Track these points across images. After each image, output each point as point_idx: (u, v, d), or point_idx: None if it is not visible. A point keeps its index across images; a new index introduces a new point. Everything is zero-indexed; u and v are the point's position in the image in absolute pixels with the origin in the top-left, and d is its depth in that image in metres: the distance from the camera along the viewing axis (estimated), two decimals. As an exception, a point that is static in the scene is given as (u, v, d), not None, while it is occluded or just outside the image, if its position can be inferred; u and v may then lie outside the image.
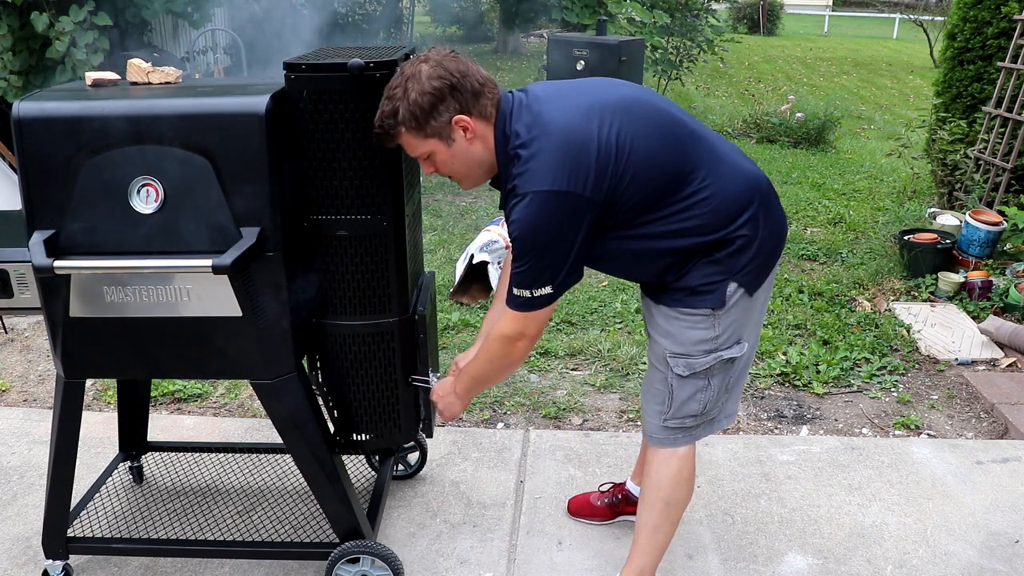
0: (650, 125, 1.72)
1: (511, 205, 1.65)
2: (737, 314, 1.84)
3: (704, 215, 1.74)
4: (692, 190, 1.73)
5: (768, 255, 1.84)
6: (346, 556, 2.07)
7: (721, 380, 1.90)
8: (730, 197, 1.76)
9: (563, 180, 1.60)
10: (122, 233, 1.78)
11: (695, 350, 1.85)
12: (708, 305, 1.80)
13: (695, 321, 1.83)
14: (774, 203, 1.86)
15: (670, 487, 1.98)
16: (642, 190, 1.69)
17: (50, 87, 2.07)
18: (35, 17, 4.59)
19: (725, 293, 1.80)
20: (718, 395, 1.92)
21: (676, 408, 1.93)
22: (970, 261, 4.32)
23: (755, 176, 1.83)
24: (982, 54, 5.29)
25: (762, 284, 1.85)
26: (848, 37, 23.58)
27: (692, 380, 1.89)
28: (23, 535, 2.43)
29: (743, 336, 1.88)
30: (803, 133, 8.24)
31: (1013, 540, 2.42)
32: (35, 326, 3.90)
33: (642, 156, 1.67)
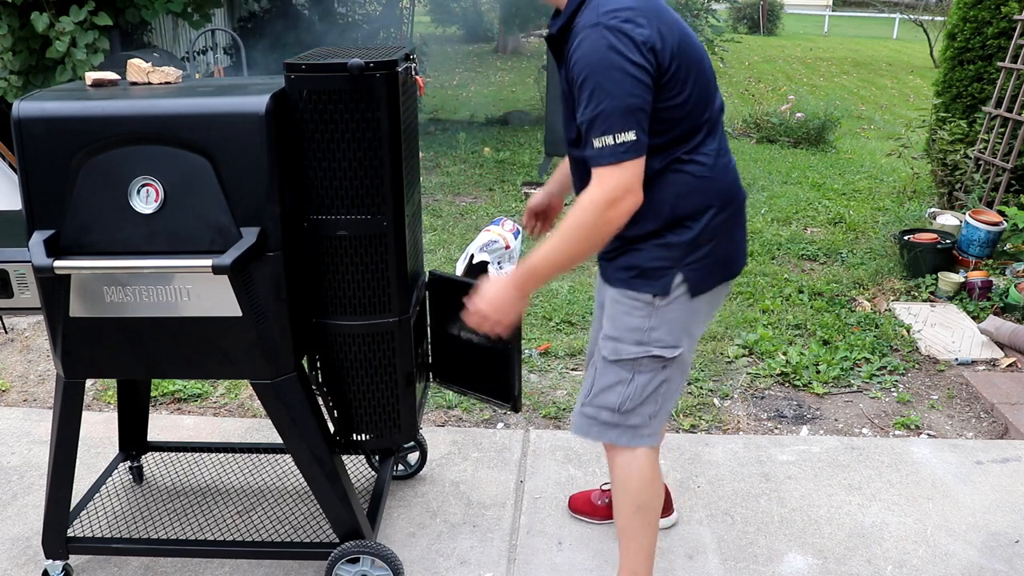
0: (702, 57, 1.73)
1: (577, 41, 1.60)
2: (677, 313, 1.80)
3: (689, 183, 1.72)
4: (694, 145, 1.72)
5: (720, 265, 1.81)
6: (346, 556, 2.07)
7: (646, 381, 1.85)
8: (717, 183, 1.75)
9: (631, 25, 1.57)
10: (122, 233, 1.79)
11: (626, 336, 1.82)
12: (651, 291, 1.78)
13: (634, 307, 1.81)
14: (742, 223, 1.85)
15: (636, 491, 1.94)
16: (673, 101, 1.66)
17: (50, 87, 2.07)
18: (35, 17, 4.59)
19: (671, 283, 1.77)
20: (640, 397, 1.86)
21: (594, 394, 1.89)
22: (970, 261, 4.32)
23: (740, 184, 1.83)
24: (982, 54, 5.29)
25: (705, 292, 1.81)
26: (848, 37, 23.58)
27: (615, 368, 1.85)
28: (23, 535, 2.43)
29: (681, 342, 1.84)
30: (803, 133, 8.24)
31: (1013, 540, 2.42)
32: (35, 326, 3.90)
33: (689, 64, 1.66)
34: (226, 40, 8.89)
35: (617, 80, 1.55)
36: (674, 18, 1.68)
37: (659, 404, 1.89)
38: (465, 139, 7.96)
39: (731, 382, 3.39)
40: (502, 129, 8.85)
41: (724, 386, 3.35)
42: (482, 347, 2.16)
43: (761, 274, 4.52)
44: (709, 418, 3.11)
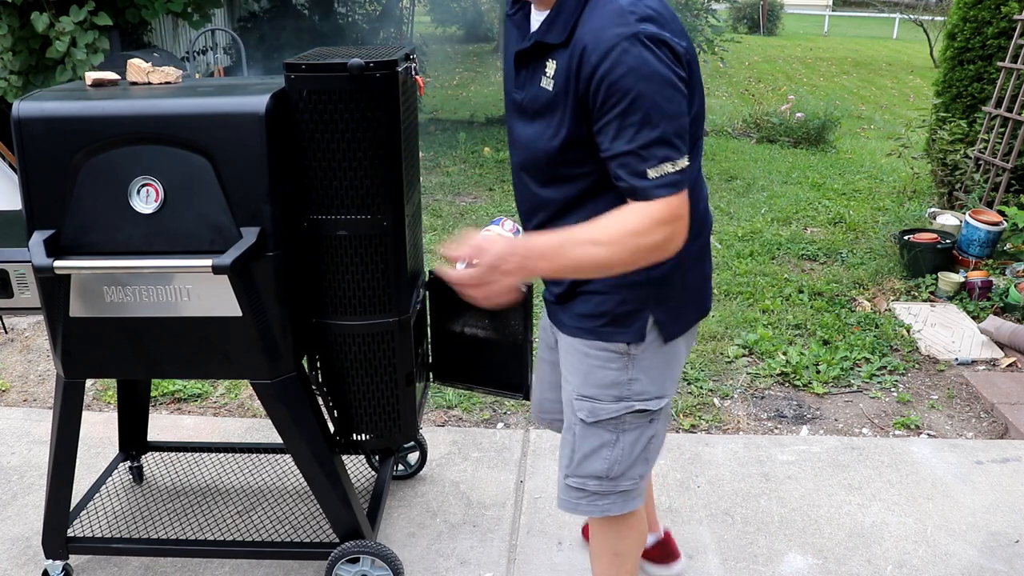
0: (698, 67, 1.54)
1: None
2: (655, 360, 1.59)
3: None
4: None
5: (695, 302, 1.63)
6: (346, 556, 2.07)
7: (634, 440, 1.63)
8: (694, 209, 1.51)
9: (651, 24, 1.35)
10: (122, 233, 1.78)
11: (604, 393, 1.60)
12: (625, 339, 1.55)
13: (608, 359, 1.58)
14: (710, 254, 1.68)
15: (615, 538, 1.77)
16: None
17: (50, 87, 2.07)
18: (35, 17, 4.59)
19: (645, 325, 1.55)
20: (630, 458, 1.65)
21: (577, 463, 1.67)
22: (970, 261, 4.32)
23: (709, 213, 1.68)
24: (982, 54, 5.29)
25: (679, 336, 1.61)
26: (848, 37, 23.58)
27: (597, 430, 1.63)
28: (23, 535, 2.43)
29: (666, 390, 1.63)
30: (803, 133, 8.24)
31: (1013, 540, 2.42)
32: (35, 326, 3.90)
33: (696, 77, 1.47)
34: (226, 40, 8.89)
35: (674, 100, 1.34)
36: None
37: (648, 463, 1.69)
38: (465, 139, 7.96)
39: (731, 382, 3.39)
40: (502, 129, 8.85)
41: (724, 386, 3.35)
42: (489, 340, 2.17)
43: (761, 274, 4.52)
44: (709, 418, 3.11)
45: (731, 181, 6.61)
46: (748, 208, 5.83)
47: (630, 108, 1.32)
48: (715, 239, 5.13)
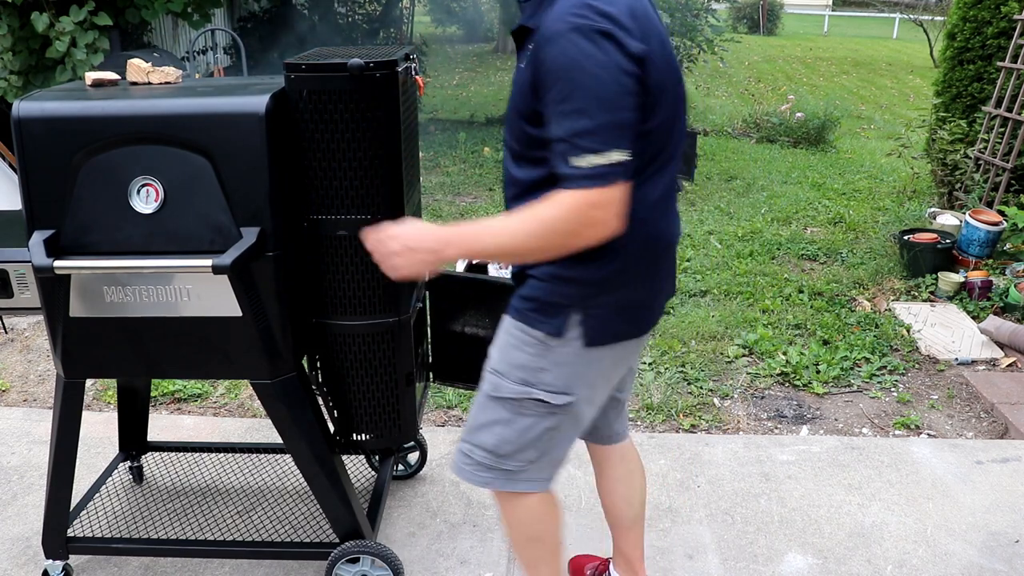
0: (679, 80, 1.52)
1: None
2: (572, 360, 1.57)
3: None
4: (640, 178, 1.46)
5: (628, 317, 1.58)
6: (346, 556, 2.07)
7: (528, 425, 1.63)
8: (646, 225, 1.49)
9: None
10: (122, 233, 1.79)
11: (512, 373, 1.61)
12: (544, 329, 1.55)
13: (525, 342, 1.59)
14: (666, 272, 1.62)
15: (527, 523, 1.76)
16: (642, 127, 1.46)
17: (50, 87, 2.07)
18: (35, 17, 4.58)
19: (565, 324, 1.54)
20: (519, 441, 1.64)
21: (471, 431, 1.69)
22: (970, 261, 4.32)
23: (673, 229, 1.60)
24: (982, 54, 5.29)
25: (603, 345, 1.58)
26: (848, 37, 23.58)
27: (494, 406, 1.64)
28: (23, 535, 2.43)
29: (573, 390, 1.60)
30: (803, 133, 8.24)
31: (1013, 540, 2.42)
32: (35, 326, 3.90)
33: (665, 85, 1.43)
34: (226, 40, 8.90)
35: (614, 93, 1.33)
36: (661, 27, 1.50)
37: (541, 451, 1.67)
38: (465, 139, 7.96)
39: (731, 382, 3.39)
40: (502, 129, 8.83)
41: (724, 386, 3.35)
42: (489, 340, 2.16)
43: (761, 274, 4.52)
44: (709, 418, 3.11)
45: (731, 181, 6.61)
46: (748, 208, 5.83)
47: (565, 97, 1.33)
48: (715, 239, 5.13)
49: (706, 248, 4.97)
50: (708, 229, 5.33)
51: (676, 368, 3.46)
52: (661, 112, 1.45)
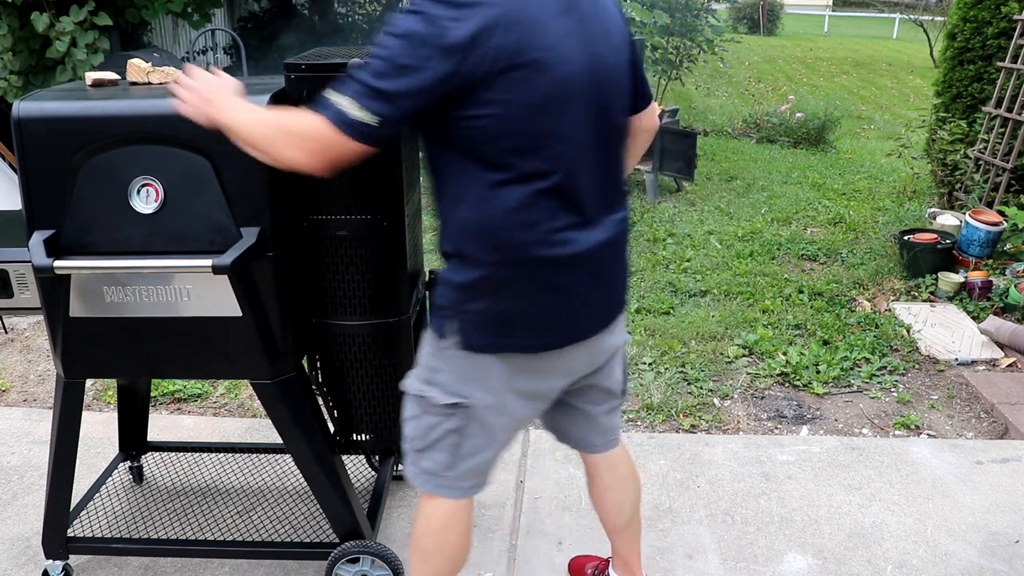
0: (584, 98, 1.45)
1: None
2: (459, 363, 1.57)
3: (486, 220, 1.46)
4: (530, 188, 1.44)
5: (502, 329, 1.52)
6: (346, 556, 2.07)
7: (432, 424, 1.63)
8: (519, 233, 1.46)
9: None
10: (122, 233, 1.78)
11: (419, 370, 1.66)
12: (432, 329, 1.59)
13: (427, 341, 1.63)
14: (547, 297, 1.52)
15: (420, 531, 1.76)
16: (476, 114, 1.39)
17: (50, 87, 2.07)
18: (35, 17, 4.58)
19: (444, 325, 1.56)
20: (426, 440, 1.65)
21: (403, 420, 1.73)
22: (970, 261, 4.32)
23: (562, 253, 1.50)
24: (982, 54, 5.29)
25: (480, 352, 1.55)
26: (848, 37, 23.58)
27: (409, 401, 1.68)
28: (23, 535, 2.43)
29: (468, 394, 1.59)
30: (803, 133, 8.24)
31: (1013, 540, 2.42)
32: (35, 326, 3.90)
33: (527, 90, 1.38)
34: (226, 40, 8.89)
35: (399, 62, 1.34)
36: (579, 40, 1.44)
37: (453, 457, 1.65)
38: (465, 139, 7.95)
39: (731, 382, 3.39)
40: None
41: (724, 386, 3.35)
42: None
43: (761, 274, 4.52)
44: (709, 418, 3.11)
45: (731, 181, 6.62)
46: (748, 208, 5.83)
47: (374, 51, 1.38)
48: (715, 239, 5.13)
49: (706, 248, 4.97)
50: (708, 229, 5.33)
51: (676, 368, 3.46)
52: (520, 113, 1.40)
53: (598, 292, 1.59)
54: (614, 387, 1.83)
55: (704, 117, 9.75)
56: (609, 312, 1.65)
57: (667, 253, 4.87)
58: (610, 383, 1.81)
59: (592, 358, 1.69)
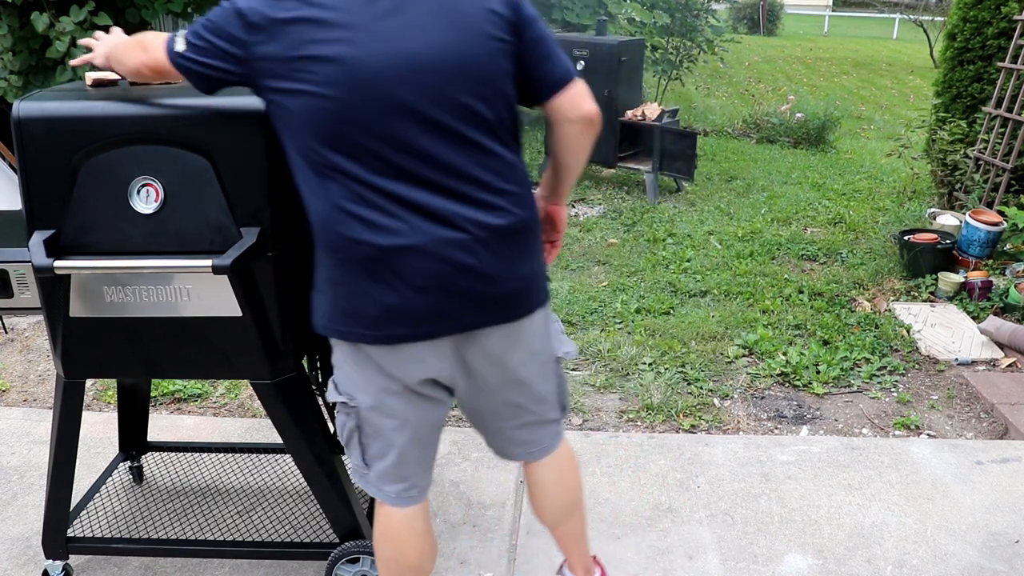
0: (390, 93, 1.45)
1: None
2: (341, 359, 1.63)
3: (318, 206, 1.53)
4: (342, 170, 1.48)
5: (347, 323, 1.56)
6: (346, 556, 2.07)
7: (341, 423, 1.70)
8: (329, 231, 1.52)
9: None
10: (122, 233, 1.78)
11: (334, 371, 1.70)
12: (315, 319, 1.63)
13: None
14: (361, 285, 1.52)
15: (378, 542, 1.79)
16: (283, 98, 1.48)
17: (50, 87, 2.07)
18: (35, 17, 4.58)
19: (318, 311, 1.61)
20: (342, 436, 1.71)
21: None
22: (970, 261, 4.32)
23: (383, 246, 1.49)
24: (982, 54, 5.29)
25: (336, 338, 1.60)
26: (848, 37, 23.58)
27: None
28: (23, 535, 2.43)
29: (352, 392, 1.64)
30: (803, 133, 8.24)
31: (1013, 540, 2.42)
32: (35, 326, 3.90)
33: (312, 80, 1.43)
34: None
35: (213, 24, 1.51)
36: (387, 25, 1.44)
37: (363, 457, 1.70)
38: (465, 139, 7.94)
39: (731, 382, 3.39)
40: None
41: (724, 386, 3.35)
42: None
43: (761, 274, 4.52)
44: (709, 418, 3.11)
45: (731, 181, 6.62)
46: (748, 208, 5.83)
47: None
48: (715, 239, 5.13)
49: (706, 248, 4.97)
50: (708, 229, 5.33)
51: (676, 368, 3.46)
52: (332, 109, 1.44)
53: (442, 293, 1.52)
54: (525, 403, 1.74)
55: (704, 117, 9.75)
56: (473, 317, 1.56)
57: (667, 253, 4.87)
58: (517, 398, 1.72)
59: (468, 363, 1.62)
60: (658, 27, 8.96)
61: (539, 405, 1.76)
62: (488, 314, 1.57)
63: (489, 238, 1.52)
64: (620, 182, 6.57)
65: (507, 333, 1.61)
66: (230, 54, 1.49)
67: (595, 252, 4.93)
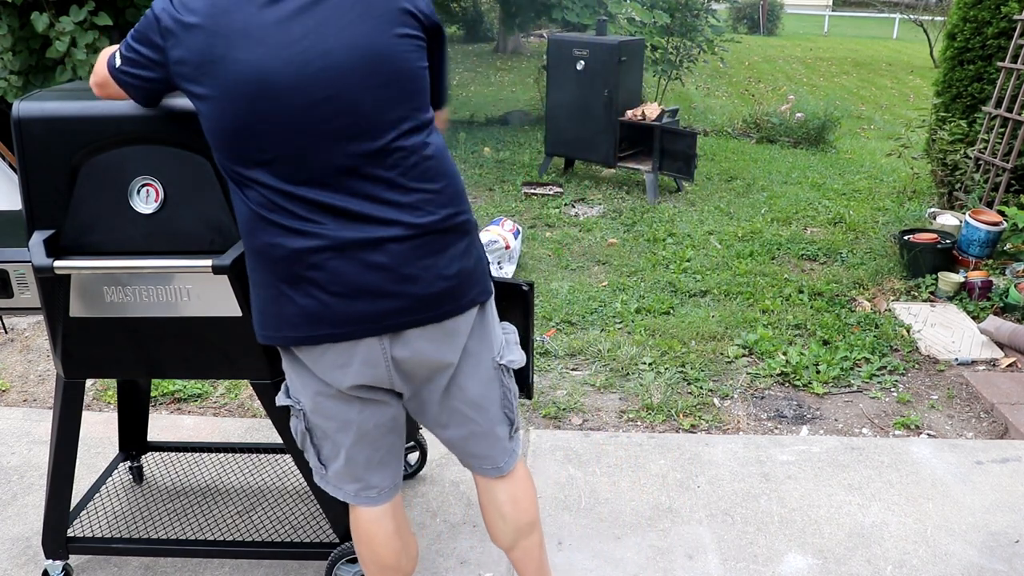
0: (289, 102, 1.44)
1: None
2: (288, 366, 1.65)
3: (240, 209, 1.54)
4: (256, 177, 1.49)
5: (273, 326, 1.56)
6: (346, 556, 2.07)
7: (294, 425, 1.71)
8: (251, 236, 1.53)
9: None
10: (122, 233, 1.78)
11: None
12: (254, 326, 1.62)
13: None
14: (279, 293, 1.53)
15: (355, 543, 1.82)
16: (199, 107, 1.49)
17: (50, 87, 2.07)
18: (35, 17, 4.58)
19: (253, 317, 1.61)
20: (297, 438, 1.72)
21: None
22: (970, 261, 4.32)
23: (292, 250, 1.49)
24: (982, 54, 5.29)
25: (272, 342, 1.59)
26: (848, 37, 23.58)
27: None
28: (23, 535, 2.43)
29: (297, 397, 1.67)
30: (803, 133, 8.24)
31: (1013, 540, 2.42)
32: (35, 326, 3.90)
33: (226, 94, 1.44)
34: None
35: (137, 36, 1.53)
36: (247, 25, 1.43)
37: (318, 458, 1.72)
38: (465, 139, 7.96)
39: (731, 382, 3.39)
40: (502, 129, 8.85)
41: (724, 386, 3.35)
42: None
43: (761, 274, 4.52)
44: (709, 418, 3.11)
45: (731, 181, 6.61)
46: (748, 208, 5.83)
47: None
48: (715, 239, 5.13)
49: (706, 248, 4.97)
50: (708, 229, 5.33)
51: (676, 368, 3.46)
52: (220, 106, 1.45)
53: (360, 294, 1.51)
54: (463, 408, 1.70)
55: (704, 117, 9.75)
56: (395, 318, 1.54)
57: (667, 253, 4.87)
58: (454, 402, 1.69)
59: (400, 365, 1.59)
60: (658, 27, 8.96)
61: (479, 413, 1.72)
62: (412, 315, 1.54)
63: (406, 237, 1.51)
64: (620, 182, 6.57)
65: (435, 333, 1.58)
66: (154, 61, 1.51)
67: (595, 252, 4.93)
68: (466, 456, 1.81)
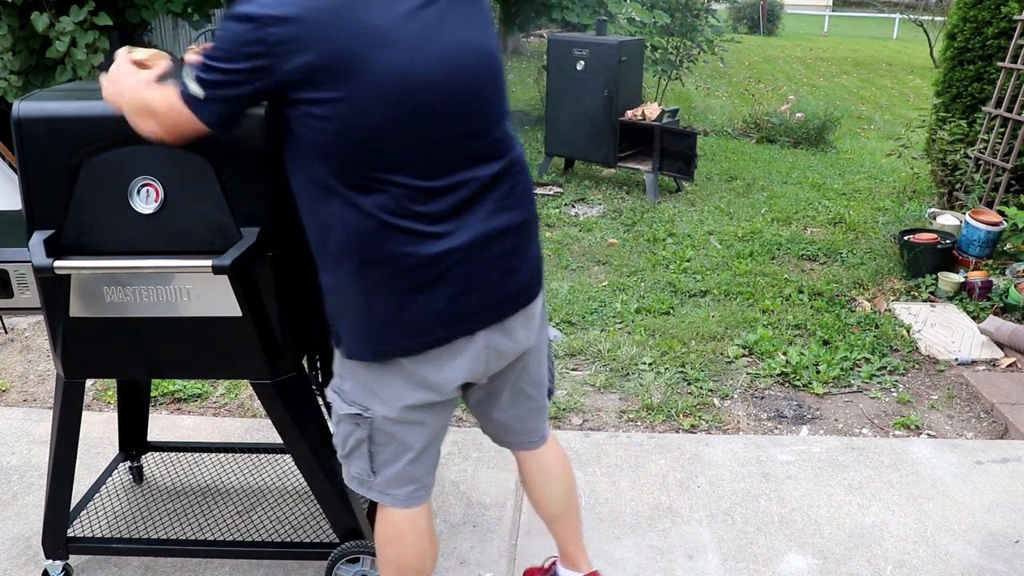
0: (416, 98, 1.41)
1: None
2: (358, 371, 1.60)
3: (348, 220, 1.47)
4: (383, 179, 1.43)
5: (384, 331, 1.53)
6: (346, 556, 2.07)
7: (346, 433, 1.66)
8: (378, 236, 1.46)
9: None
10: (122, 233, 1.78)
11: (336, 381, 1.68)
12: (333, 337, 1.62)
13: (336, 352, 1.65)
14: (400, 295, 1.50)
15: (382, 544, 1.78)
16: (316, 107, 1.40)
17: (50, 87, 2.07)
18: (35, 17, 4.58)
19: (335, 333, 1.60)
20: (345, 448, 1.68)
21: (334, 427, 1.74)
22: (970, 261, 4.32)
23: (429, 255, 1.48)
24: (982, 54, 5.29)
25: (364, 361, 1.58)
26: (848, 37, 23.58)
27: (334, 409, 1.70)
28: (23, 535, 2.43)
29: (369, 404, 1.60)
30: (803, 133, 8.24)
31: (1013, 540, 2.42)
32: (35, 326, 3.90)
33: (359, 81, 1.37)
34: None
35: (227, 55, 1.42)
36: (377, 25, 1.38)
37: (371, 464, 1.67)
38: (465, 139, 7.95)
39: (731, 382, 3.39)
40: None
41: (724, 386, 3.35)
42: None
43: (761, 274, 4.52)
44: (709, 418, 3.11)
45: (731, 181, 6.62)
46: (748, 208, 5.83)
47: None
48: (715, 239, 5.13)
49: (706, 248, 4.97)
50: (708, 229, 5.33)
51: (676, 368, 3.46)
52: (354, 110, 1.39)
53: (482, 288, 1.54)
54: (527, 388, 1.78)
55: (704, 117, 9.75)
56: (507, 306, 1.59)
57: (667, 253, 4.87)
58: (522, 384, 1.75)
59: (489, 360, 1.62)
60: (658, 27, 8.96)
61: (538, 390, 1.80)
62: (513, 302, 1.61)
63: (520, 226, 1.58)
64: (620, 182, 6.57)
65: (521, 318, 1.64)
66: (253, 73, 1.39)
67: (595, 252, 4.93)
68: (516, 434, 1.85)
